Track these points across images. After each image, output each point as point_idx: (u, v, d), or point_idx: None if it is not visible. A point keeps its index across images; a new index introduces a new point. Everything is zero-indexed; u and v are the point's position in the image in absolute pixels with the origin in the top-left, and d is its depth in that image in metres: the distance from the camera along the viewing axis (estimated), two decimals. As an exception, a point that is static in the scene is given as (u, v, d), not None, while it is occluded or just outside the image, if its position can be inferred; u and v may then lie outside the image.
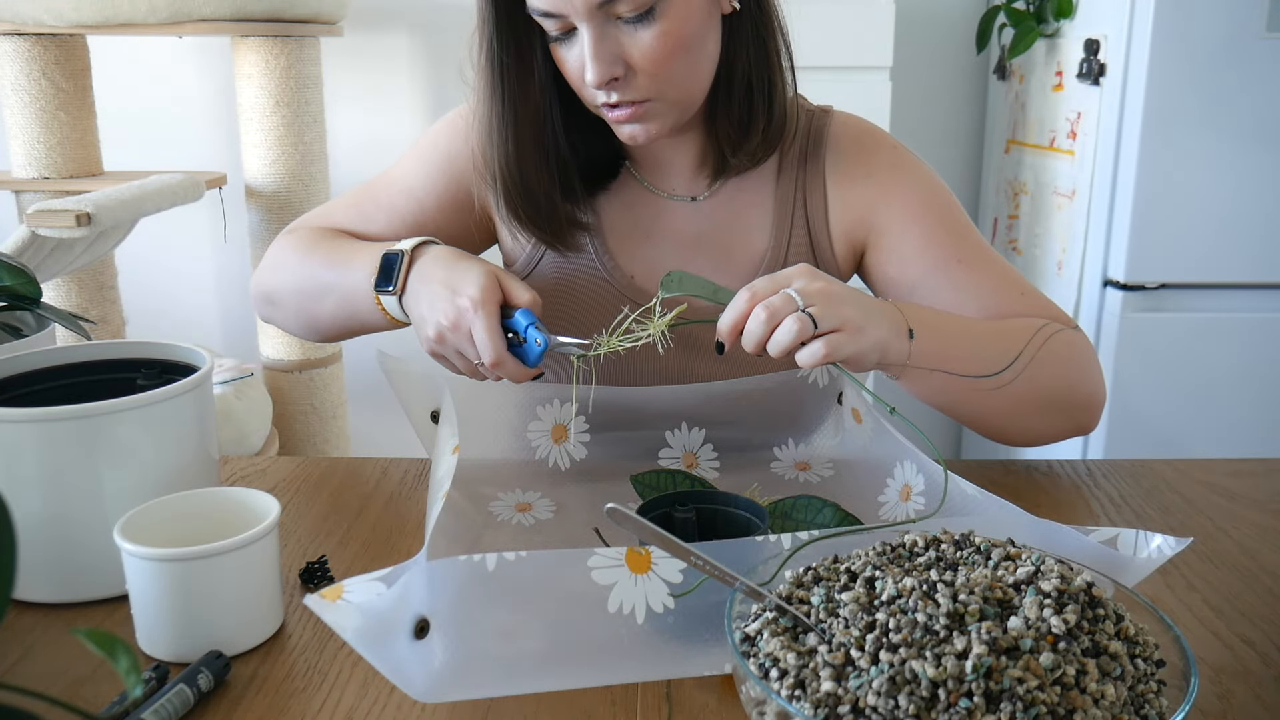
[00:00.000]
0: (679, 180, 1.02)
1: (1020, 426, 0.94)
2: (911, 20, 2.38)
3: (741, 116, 0.94)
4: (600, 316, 1.03)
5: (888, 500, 0.85)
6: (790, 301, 0.75)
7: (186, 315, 2.54)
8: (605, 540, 0.82)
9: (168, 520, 0.71)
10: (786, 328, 0.74)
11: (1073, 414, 0.94)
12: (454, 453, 0.74)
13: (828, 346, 0.74)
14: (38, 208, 1.58)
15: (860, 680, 0.50)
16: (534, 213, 0.97)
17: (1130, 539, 0.66)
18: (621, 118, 0.89)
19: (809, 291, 0.75)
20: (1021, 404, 0.90)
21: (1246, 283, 1.95)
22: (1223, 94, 1.84)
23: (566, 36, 0.86)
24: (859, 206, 1.00)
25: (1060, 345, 0.92)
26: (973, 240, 0.98)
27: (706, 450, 0.96)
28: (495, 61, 0.90)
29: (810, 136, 1.01)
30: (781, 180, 1.01)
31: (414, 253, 0.91)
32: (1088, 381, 0.94)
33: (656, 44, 0.84)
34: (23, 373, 0.83)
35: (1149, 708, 0.51)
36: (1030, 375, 0.88)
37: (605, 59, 0.84)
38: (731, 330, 0.77)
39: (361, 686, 0.65)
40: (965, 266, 0.96)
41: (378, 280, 0.91)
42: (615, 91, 0.87)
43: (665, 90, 0.88)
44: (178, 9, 1.93)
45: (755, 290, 0.76)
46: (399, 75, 2.42)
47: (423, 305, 0.87)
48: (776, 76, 0.94)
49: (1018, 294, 0.97)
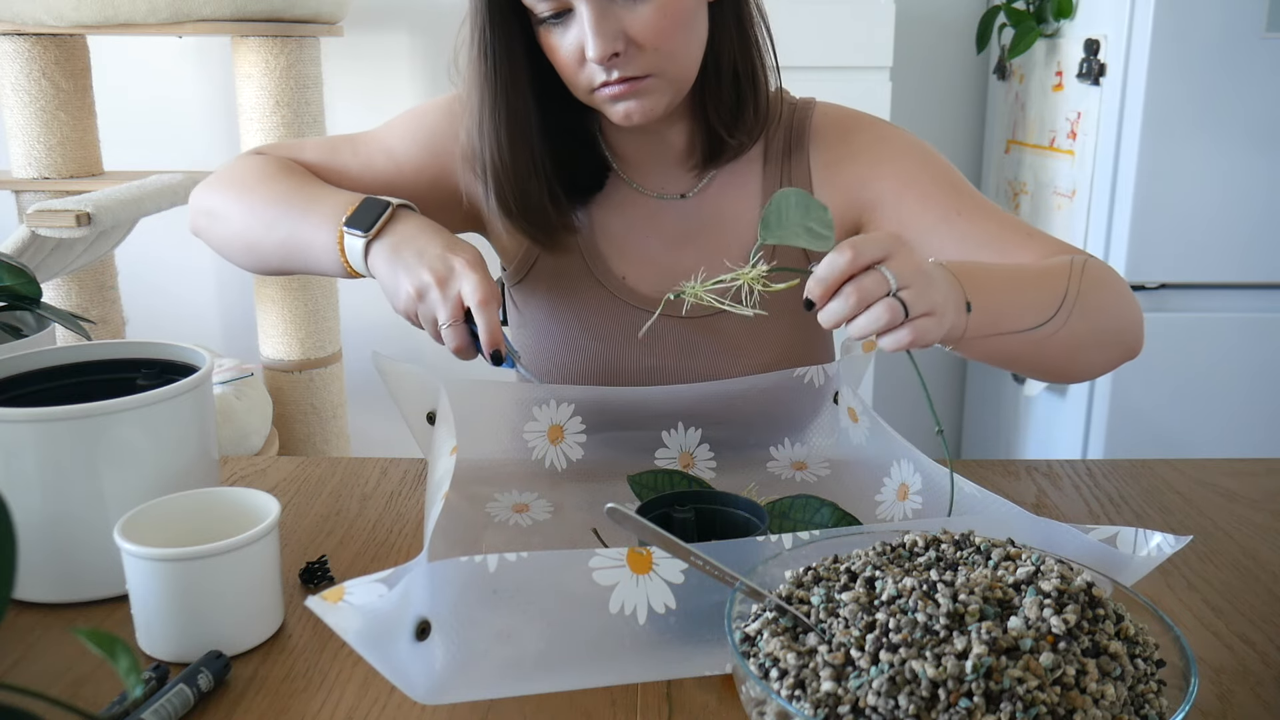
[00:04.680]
0: (666, 178, 1.03)
1: (1081, 363, 0.91)
2: (911, 20, 2.38)
3: (731, 100, 0.96)
4: (594, 318, 1.03)
5: (885, 499, 0.85)
6: (883, 283, 0.70)
7: (186, 315, 2.54)
8: (604, 541, 0.82)
9: (168, 520, 0.71)
10: (876, 315, 0.69)
11: (1122, 339, 0.92)
12: (452, 454, 0.74)
13: (914, 334, 0.70)
14: (38, 208, 1.58)
15: (860, 680, 0.50)
16: (525, 206, 0.97)
17: (1130, 537, 0.66)
18: (620, 93, 0.89)
19: (904, 272, 0.70)
20: (1078, 342, 0.88)
21: (1246, 283, 1.95)
22: (1222, 94, 1.84)
23: (561, 19, 0.87)
24: (848, 188, 1.00)
25: (1096, 273, 0.89)
26: (968, 192, 0.98)
27: (703, 450, 0.96)
28: (487, 53, 0.90)
29: (794, 128, 1.02)
30: (768, 173, 1.02)
31: (397, 210, 0.90)
32: (1128, 304, 0.92)
33: (656, 17, 0.86)
34: (23, 373, 0.83)
35: (1149, 708, 0.51)
36: (1081, 311, 0.85)
37: (607, 34, 0.85)
38: (825, 294, 0.71)
39: (361, 686, 0.65)
40: (966, 218, 0.95)
41: (351, 219, 0.89)
42: (615, 68, 0.87)
43: (665, 66, 0.89)
44: (178, 9, 1.93)
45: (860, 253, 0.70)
46: (399, 75, 2.43)
47: (407, 258, 0.86)
48: (758, 65, 0.96)
49: (1024, 235, 0.95)
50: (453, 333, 0.85)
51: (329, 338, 2.25)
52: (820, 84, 1.23)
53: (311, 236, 0.93)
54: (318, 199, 0.94)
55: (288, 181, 0.98)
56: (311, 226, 0.93)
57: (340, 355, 2.30)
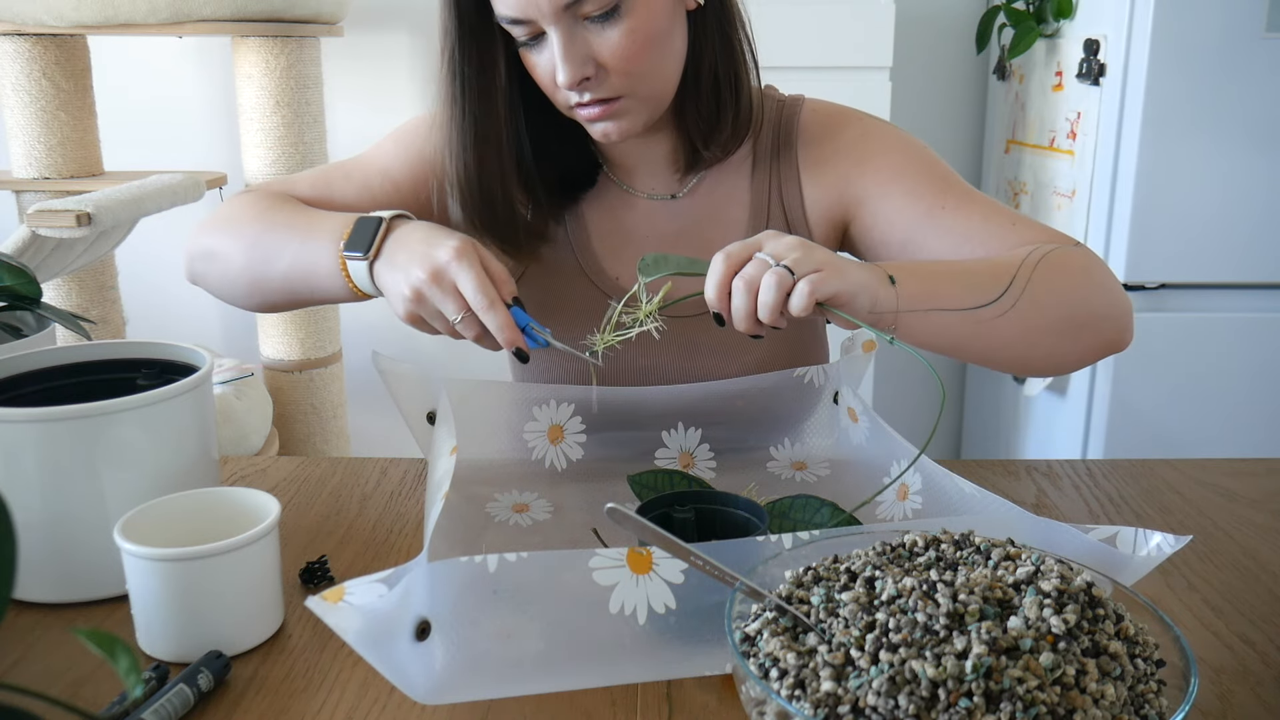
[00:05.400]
0: (655, 180, 1.03)
1: (1042, 353, 0.89)
2: (911, 20, 2.38)
3: (710, 111, 0.95)
4: (588, 320, 1.03)
5: (885, 499, 0.85)
6: (761, 264, 0.75)
7: (186, 315, 2.54)
8: (604, 541, 0.82)
9: (168, 520, 0.71)
10: (766, 286, 0.74)
11: (1098, 329, 0.89)
12: (452, 454, 0.74)
13: (810, 285, 0.73)
14: (38, 208, 1.58)
15: (860, 680, 0.50)
16: (491, 221, 0.97)
17: (1129, 537, 0.66)
18: (594, 115, 0.90)
19: (779, 249, 0.76)
20: (1031, 328, 0.86)
21: (1246, 283, 1.95)
22: (1222, 94, 1.84)
23: (536, 42, 0.87)
24: (834, 184, 1.00)
25: (1059, 260, 0.88)
26: (955, 184, 0.97)
27: (703, 450, 0.96)
28: (456, 73, 0.90)
29: (782, 127, 1.02)
30: (756, 173, 1.02)
31: (392, 222, 0.88)
32: (1102, 293, 0.90)
33: (624, 41, 0.85)
34: (23, 373, 0.83)
35: (1149, 708, 0.51)
36: (1032, 296, 0.84)
37: (575, 60, 0.85)
38: (719, 298, 0.77)
39: (361, 686, 0.65)
40: (951, 211, 0.95)
41: (349, 243, 0.87)
42: (587, 91, 0.88)
43: (636, 87, 0.89)
44: (178, 9, 1.93)
45: (730, 254, 0.77)
46: (399, 75, 2.43)
47: (399, 266, 0.83)
48: (741, 70, 0.96)
49: (1009, 224, 0.93)
50: (465, 325, 0.82)
51: (329, 338, 2.25)
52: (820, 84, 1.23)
53: (313, 269, 0.91)
54: (315, 225, 0.92)
55: (283, 212, 0.96)
56: (312, 253, 0.90)
57: (340, 355, 2.30)
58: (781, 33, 2.02)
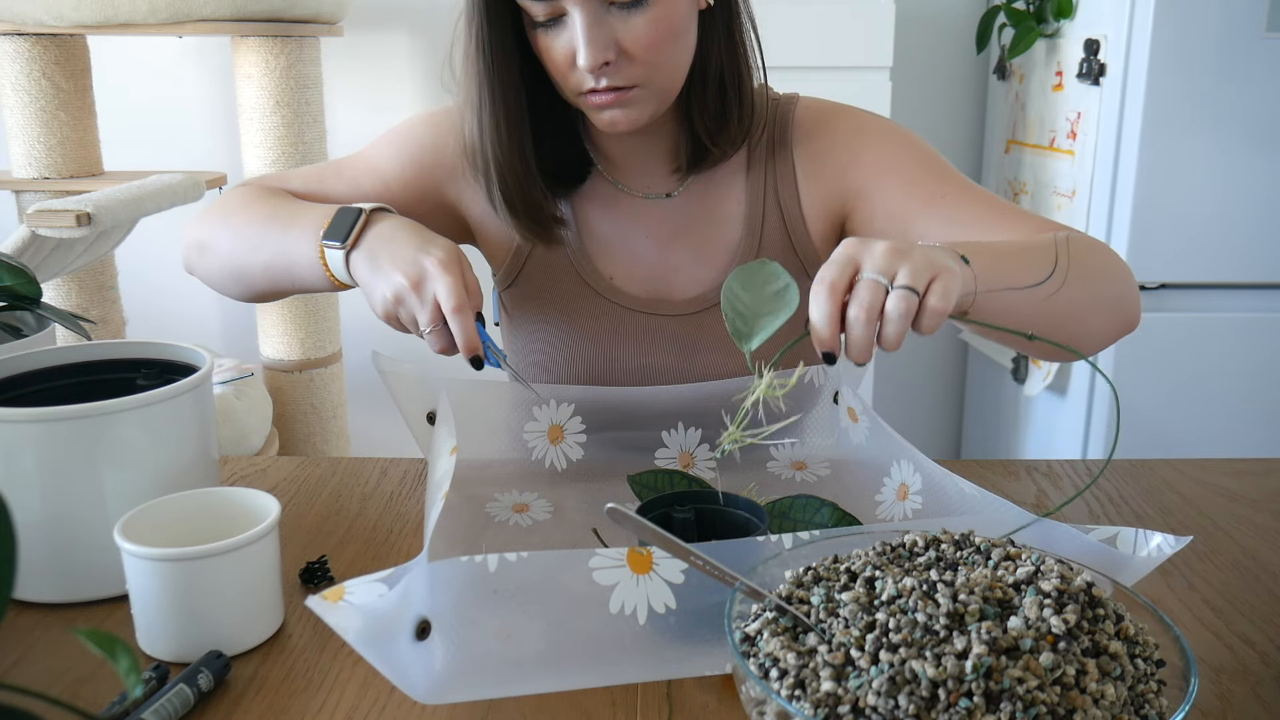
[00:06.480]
0: (651, 178, 1.03)
1: (1091, 329, 0.89)
2: (911, 20, 2.38)
3: (716, 109, 0.96)
4: (583, 319, 1.03)
5: (885, 499, 0.85)
6: (877, 286, 0.67)
7: (186, 315, 2.54)
8: (604, 541, 0.82)
9: (168, 520, 0.71)
10: (894, 315, 0.66)
11: (1120, 308, 0.90)
12: (452, 454, 0.74)
13: (941, 302, 0.67)
14: (38, 208, 1.58)
15: (860, 680, 0.50)
16: (526, 200, 0.97)
17: (1130, 537, 0.66)
18: (604, 102, 0.89)
19: (884, 264, 0.68)
20: (1082, 304, 0.86)
21: (1246, 283, 1.95)
22: (1222, 94, 1.84)
23: (554, 23, 0.87)
24: (830, 180, 1.00)
25: (1083, 241, 0.89)
26: (951, 175, 0.97)
27: (703, 450, 0.96)
28: (485, 49, 0.90)
29: (777, 124, 1.02)
30: (751, 170, 1.02)
31: (372, 215, 0.90)
32: (1124, 271, 0.91)
33: (648, 29, 0.86)
34: (23, 373, 0.83)
35: (1149, 708, 0.51)
36: (1078, 272, 0.84)
37: (598, 43, 0.85)
38: (832, 337, 0.68)
39: (361, 686, 0.65)
40: (950, 201, 0.95)
41: (328, 232, 0.89)
42: (605, 77, 0.87)
43: (652, 77, 0.89)
44: (178, 9, 1.93)
45: (833, 284, 0.68)
46: (399, 75, 2.43)
47: (382, 263, 0.85)
48: (745, 71, 0.96)
49: (1010, 213, 0.94)
50: (434, 337, 0.85)
51: (329, 338, 2.25)
52: (820, 84, 1.23)
53: (293, 259, 0.93)
54: (298, 216, 0.94)
55: (271, 204, 0.98)
56: (294, 243, 0.93)
57: (340, 355, 2.30)
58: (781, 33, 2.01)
